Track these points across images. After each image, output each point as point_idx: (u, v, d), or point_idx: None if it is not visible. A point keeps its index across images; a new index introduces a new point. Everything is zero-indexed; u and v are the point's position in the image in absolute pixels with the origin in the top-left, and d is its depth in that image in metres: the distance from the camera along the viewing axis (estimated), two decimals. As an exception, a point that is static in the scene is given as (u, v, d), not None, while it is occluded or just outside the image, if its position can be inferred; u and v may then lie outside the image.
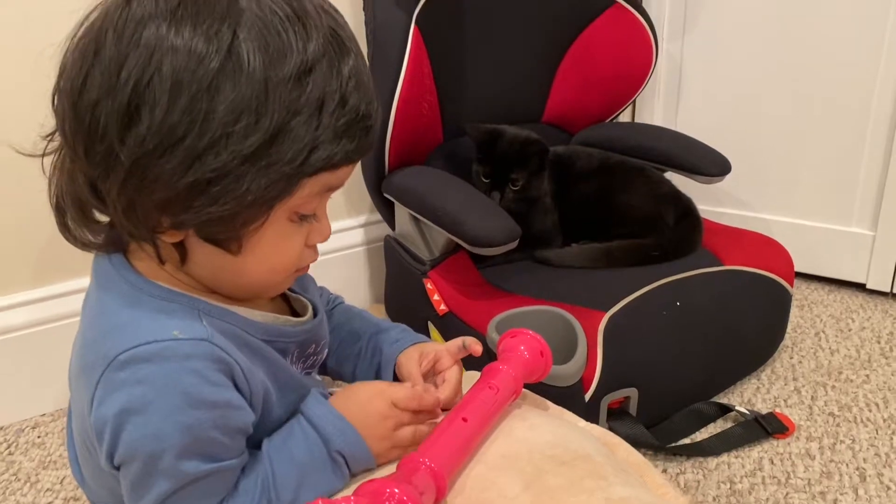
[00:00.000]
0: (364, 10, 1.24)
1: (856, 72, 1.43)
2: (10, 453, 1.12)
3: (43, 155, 0.61)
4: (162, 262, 0.61)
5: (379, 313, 1.43)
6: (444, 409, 0.72)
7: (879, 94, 1.42)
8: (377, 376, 0.81)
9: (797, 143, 1.53)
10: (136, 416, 0.55)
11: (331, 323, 0.82)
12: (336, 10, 0.61)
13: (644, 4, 1.58)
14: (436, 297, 1.19)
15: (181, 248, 0.60)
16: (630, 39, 1.45)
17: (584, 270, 1.25)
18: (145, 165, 0.53)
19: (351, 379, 0.83)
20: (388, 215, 1.34)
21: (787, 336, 1.35)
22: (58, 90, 0.56)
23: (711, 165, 1.35)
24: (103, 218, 0.62)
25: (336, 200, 1.43)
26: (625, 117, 1.69)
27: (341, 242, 1.44)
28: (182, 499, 0.57)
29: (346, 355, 0.83)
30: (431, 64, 1.26)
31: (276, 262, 0.63)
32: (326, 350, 0.78)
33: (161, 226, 0.57)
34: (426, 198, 1.18)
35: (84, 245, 0.63)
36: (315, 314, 0.74)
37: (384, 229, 1.39)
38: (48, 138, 0.61)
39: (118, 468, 0.58)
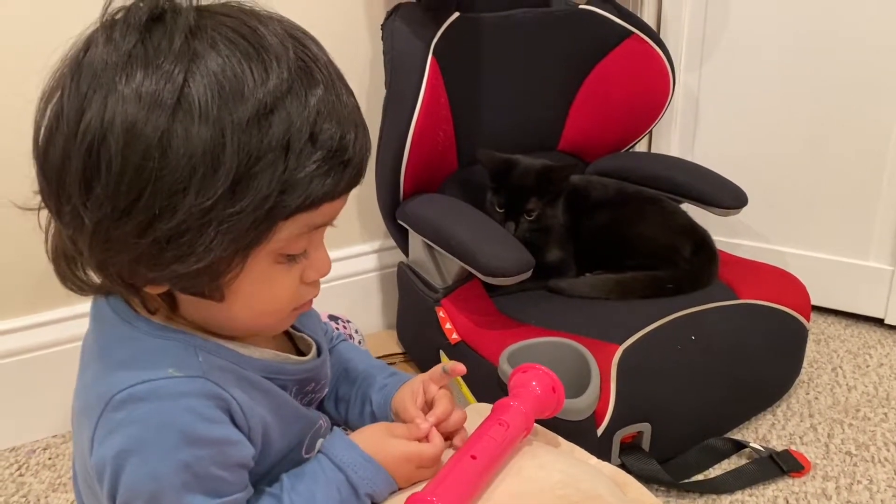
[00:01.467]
0: (382, 39, 1.25)
1: (874, 103, 1.42)
2: (20, 475, 1.13)
3: (39, 209, 0.59)
4: (151, 312, 0.61)
5: (391, 340, 1.43)
6: (443, 430, 0.71)
7: (899, 128, 1.41)
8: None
9: (814, 175, 1.52)
10: (133, 456, 0.55)
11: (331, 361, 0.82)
12: (307, 35, 0.57)
13: (661, 35, 1.59)
14: (448, 325, 1.19)
15: (168, 296, 0.60)
16: (647, 70, 1.46)
17: (597, 301, 1.24)
18: (106, 228, 0.52)
19: (341, 421, 0.83)
20: (402, 242, 1.35)
21: (803, 371, 1.33)
22: (34, 150, 0.55)
23: (728, 197, 1.34)
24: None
25: (350, 226, 1.44)
26: (641, 147, 1.68)
27: (355, 268, 1.44)
28: None
29: (339, 397, 0.83)
30: (448, 93, 1.27)
31: (265, 306, 0.60)
32: (326, 389, 0.78)
33: (138, 282, 0.57)
34: (440, 226, 1.18)
35: (82, 290, 0.62)
36: (319, 353, 0.73)
37: (398, 255, 1.39)
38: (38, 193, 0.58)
39: None
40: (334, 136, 0.55)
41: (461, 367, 0.73)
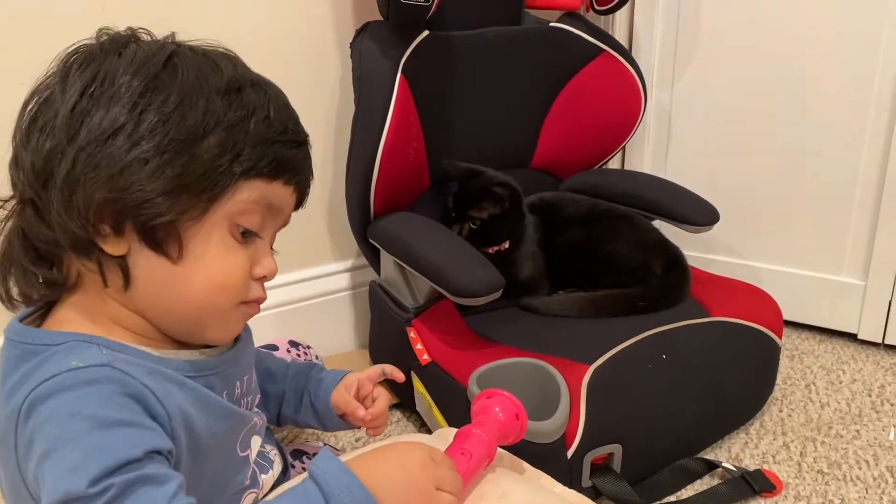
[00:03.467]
0: (351, 58, 1.25)
1: (846, 120, 1.43)
2: None
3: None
4: (106, 285, 0.62)
5: (364, 359, 1.41)
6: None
7: (870, 142, 1.41)
8: (319, 421, 0.88)
9: (787, 191, 1.53)
10: (51, 456, 0.53)
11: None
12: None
13: (633, 52, 1.60)
14: (419, 346, 1.18)
15: (124, 267, 0.61)
16: (619, 87, 1.46)
17: (570, 320, 1.23)
18: (91, 153, 0.58)
19: (275, 421, 0.89)
20: (374, 261, 1.33)
21: (776, 387, 1.33)
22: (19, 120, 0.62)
23: (699, 215, 1.34)
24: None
25: (322, 244, 1.43)
26: (614, 164, 1.68)
27: (326, 287, 1.42)
28: None
29: (268, 395, 0.87)
30: (418, 111, 1.26)
31: (219, 276, 0.63)
32: (258, 395, 0.78)
33: (102, 232, 0.59)
34: (410, 245, 1.17)
35: (22, 302, 0.64)
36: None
37: (370, 274, 1.38)
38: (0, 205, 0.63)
39: None
40: (287, 120, 0.66)
41: (400, 375, 0.88)
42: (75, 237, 0.59)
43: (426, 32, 1.25)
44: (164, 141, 0.59)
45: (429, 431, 1.20)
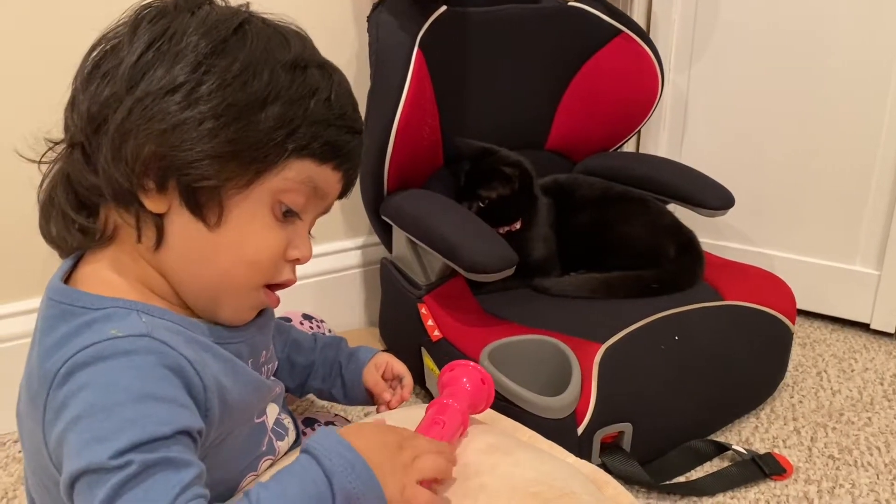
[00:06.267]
0: (368, 31, 1.24)
1: (863, 107, 1.42)
2: (-10, 467, 1.10)
3: (39, 162, 0.64)
4: (140, 240, 0.61)
5: (373, 337, 1.41)
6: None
7: (888, 129, 1.40)
8: (344, 392, 0.89)
9: (802, 179, 1.51)
10: (81, 421, 0.52)
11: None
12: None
13: (651, 35, 1.58)
14: (430, 322, 1.17)
15: (160, 225, 0.61)
16: (636, 70, 1.45)
17: (582, 301, 1.22)
18: (147, 105, 0.58)
19: (298, 390, 0.90)
20: (386, 238, 1.33)
21: (788, 375, 1.32)
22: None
23: (714, 199, 1.33)
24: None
25: (334, 221, 1.42)
26: (629, 147, 1.67)
27: (338, 264, 1.42)
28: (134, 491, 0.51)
29: (294, 364, 0.88)
30: (434, 88, 1.25)
31: (251, 251, 0.62)
32: (276, 362, 0.79)
33: (145, 186, 0.59)
34: (423, 222, 1.17)
35: (59, 245, 0.64)
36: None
37: (382, 252, 1.38)
38: (50, 147, 0.64)
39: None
40: (347, 105, 0.65)
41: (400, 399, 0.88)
42: (119, 187, 0.59)
43: (444, 7, 1.24)
44: (222, 105, 0.58)
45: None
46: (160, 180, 0.59)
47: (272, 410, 0.74)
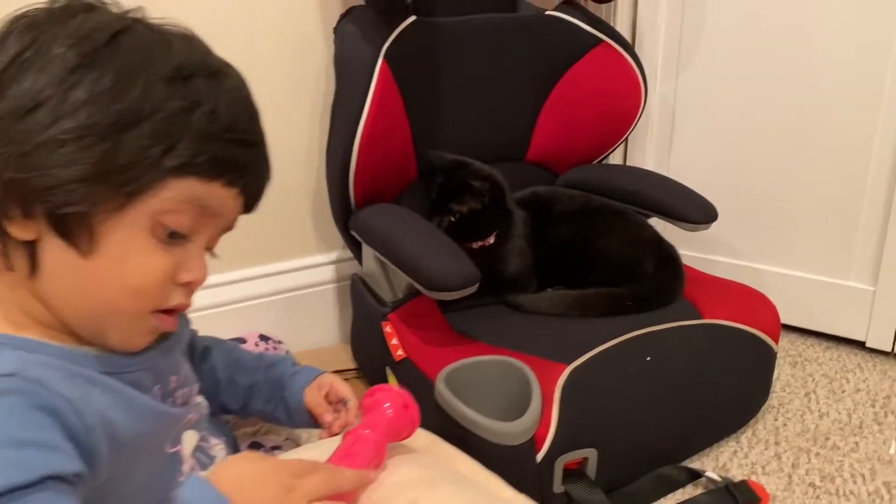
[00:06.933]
0: (334, 43, 1.21)
1: (856, 115, 1.36)
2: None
3: None
4: (11, 269, 0.58)
5: (347, 355, 1.38)
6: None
7: (880, 139, 1.34)
8: (288, 414, 0.85)
9: (794, 190, 1.46)
10: None
11: (209, 359, 0.83)
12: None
13: (637, 44, 1.54)
14: (394, 341, 1.14)
15: (32, 253, 0.57)
16: (617, 80, 1.40)
17: (555, 318, 1.18)
18: (5, 126, 0.54)
19: (241, 412, 0.86)
20: (357, 253, 1.30)
21: (774, 396, 1.27)
22: None
23: (696, 212, 1.28)
24: None
25: (306, 235, 1.39)
26: (616, 159, 1.63)
27: (311, 279, 1.39)
28: None
29: (238, 385, 0.84)
30: (404, 99, 1.22)
31: (133, 278, 0.58)
32: (196, 385, 0.74)
33: (9, 213, 0.56)
34: (386, 237, 1.13)
35: None
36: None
37: (356, 267, 1.35)
38: None
39: None
40: (238, 120, 0.61)
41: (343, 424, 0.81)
42: None
43: (413, 18, 1.21)
44: (88, 122, 0.54)
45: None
46: (24, 206, 0.55)
47: (189, 438, 0.71)
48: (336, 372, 1.31)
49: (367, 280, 1.27)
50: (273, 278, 1.35)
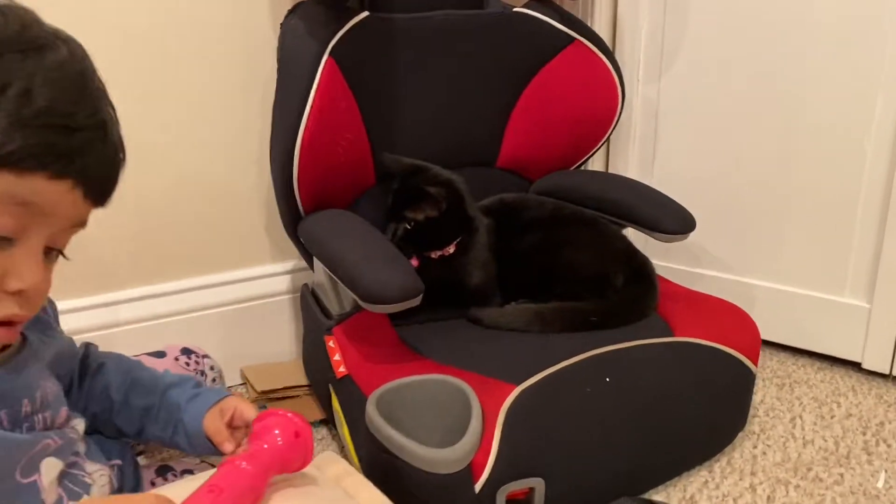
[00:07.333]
0: (279, 39, 1.15)
1: (848, 119, 1.27)
2: None
3: None
4: None
5: (300, 370, 1.30)
6: None
7: (874, 144, 1.25)
8: (188, 441, 0.77)
9: (784, 199, 1.36)
10: None
11: (102, 378, 0.77)
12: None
13: (617, 44, 1.47)
14: (336, 357, 1.06)
15: None
16: (592, 80, 1.32)
17: (514, 334, 1.10)
18: None
19: (137, 437, 0.78)
20: (311, 261, 1.23)
21: (755, 420, 1.17)
22: None
23: (671, 221, 1.20)
24: None
25: (259, 243, 1.32)
26: (597, 167, 1.55)
27: (264, 289, 1.32)
28: None
29: (134, 408, 0.77)
30: (358, 100, 1.15)
31: None
32: (64, 408, 0.67)
33: None
34: (328, 245, 1.06)
35: None
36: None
37: (311, 276, 1.27)
38: None
39: None
40: (60, 102, 0.53)
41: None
42: None
43: (365, 14, 1.14)
44: None
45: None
46: None
47: (50, 467, 0.63)
48: (287, 388, 1.25)
49: (316, 291, 1.20)
50: (223, 288, 1.28)
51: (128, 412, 0.78)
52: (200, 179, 1.23)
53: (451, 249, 1.17)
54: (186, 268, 1.26)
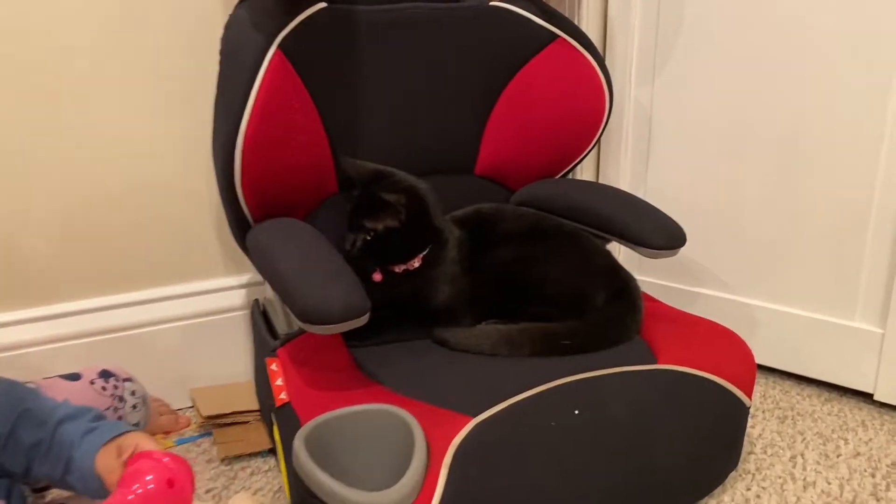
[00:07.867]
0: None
1: (858, 127, 1.15)
2: None
3: None
4: None
5: (254, 393, 1.20)
6: None
7: (887, 153, 1.13)
8: (83, 481, 0.68)
9: (788, 213, 1.24)
10: None
11: None
12: None
13: (608, 45, 1.37)
14: (278, 381, 0.96)
15: None
16: (577, 80, 1.22)
17: (481, 358, 0.99)
18: None
19: (25, 476, 0.70)
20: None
21: (751, 458, 1.06)
22: None
23: (656, 235, 1.08)
24: None
25: (212, 254, 1.23)
26: (587, 174, 1.44)
27: (217, 304, 1.22)
28: None
29: (21, 443, 0.69)
30: (315, 101, 1.05)
31: None
32: None
33: None
34: (269, 257, 0.96)
35: None
36: None
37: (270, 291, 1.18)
38: None
39: None
40: None
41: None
42: None
43: (322, 4, 1.05)
44: None
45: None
46: None
47: None
48: (236, 413, 1.15)
49: (266, 307, 1.10)
50: (174, 302, 1.19)
51: (14, 447, 0.68)
52: (148, 188, 1.14)
53: (417, 263, 1.07)
54: (135, 280, 1.17)
